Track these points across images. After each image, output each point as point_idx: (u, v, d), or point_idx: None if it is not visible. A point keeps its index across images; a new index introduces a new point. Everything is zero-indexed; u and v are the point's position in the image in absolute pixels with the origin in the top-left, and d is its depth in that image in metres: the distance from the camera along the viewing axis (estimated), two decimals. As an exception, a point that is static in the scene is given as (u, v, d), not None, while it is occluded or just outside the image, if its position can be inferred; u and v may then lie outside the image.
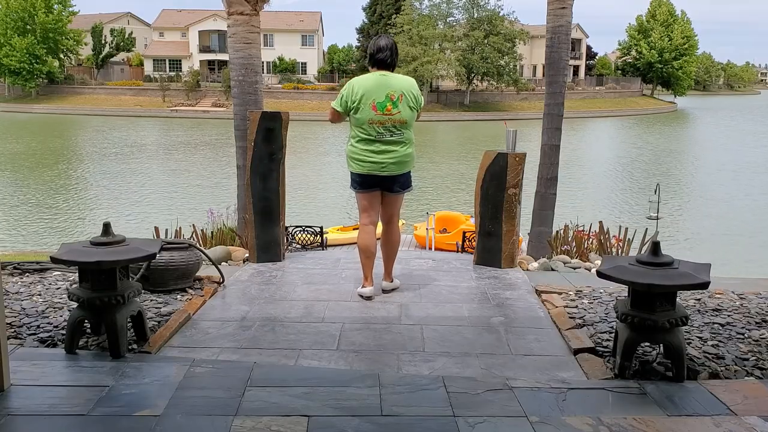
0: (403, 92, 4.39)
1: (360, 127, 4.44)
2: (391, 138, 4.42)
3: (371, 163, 4.45)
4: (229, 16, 8.06)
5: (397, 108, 4.37)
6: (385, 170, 4.47)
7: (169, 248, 4.54)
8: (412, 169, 4.65)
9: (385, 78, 4.41)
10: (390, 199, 4.67)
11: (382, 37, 4.56)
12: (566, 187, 18.35)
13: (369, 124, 4.39)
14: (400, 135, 4.44)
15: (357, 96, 4.38)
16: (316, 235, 7.10)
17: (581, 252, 6.94)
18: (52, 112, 53.00)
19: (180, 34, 65.69)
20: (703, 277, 3.13)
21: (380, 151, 4.43)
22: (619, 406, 2.92)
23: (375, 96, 4.36)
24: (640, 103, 67.46)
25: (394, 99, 4.36)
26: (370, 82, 4.41)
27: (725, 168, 28.25)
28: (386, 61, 4.44)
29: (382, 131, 4.40)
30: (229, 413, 2.77)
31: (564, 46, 8.77)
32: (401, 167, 4.51)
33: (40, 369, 3.20)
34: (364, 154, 4.46)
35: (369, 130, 4.41)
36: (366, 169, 4.48)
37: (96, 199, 20.55)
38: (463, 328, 3.98)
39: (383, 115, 4.37)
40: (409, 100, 4.42)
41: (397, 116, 4.39)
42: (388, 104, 4.35)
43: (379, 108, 4.36)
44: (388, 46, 4.46)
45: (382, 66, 4.45)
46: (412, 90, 4.46)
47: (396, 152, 4.44)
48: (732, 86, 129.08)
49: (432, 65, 52.86)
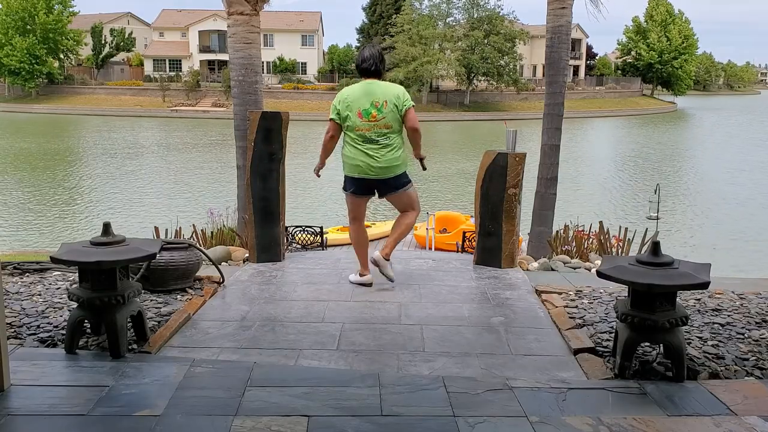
0: (387, 99, 4.64)
1: (350, 133, 4.71)
2: (379, 143, 4.67)
3: (361, 167, 4.72)
4: (229, 16, 8.07)
5: (382, 114, 4.63)
6: (373, 174, 4.73)
7: (169, 248, 4.54)
8: (405, 170, 4.87)
9: (370, 86, 4.68)
10: (395, 197, 4.93)
11: (367, 48, 4.83)
12: (566, 187, 18.35)
13: (356, 131, 4.67)
14: (387, 139, 4.68)
15: (344, 105, 4.68)
16: (316, 235, 7.10)
17: (581, 252, 6.94)
18: (52, 112, 52.95)
19: (180, 34, 65.66)
20: (703, 277, 3.13)
21: (369, 156, 4.68)
22: (619, 406, 2.92)
23: (360, 104, 4.64)
24: (640, 103, 67.45)
25: (378, 106, 4.63)
26: (356, 91, 4.70)
27: (725, 168, 28.25)
28: (371, 69, 4.72)
29: (370, 137, 4.66)
30: (229, 413, 2.78)
31: (564, 46, 8.78)
32: (389, 171, 4.75)
33: (40, 369, 3.20)
34: (354, 157, 4.72)
35: (357, 137, 4.68)
36: (357, 172, 4.76)
37: (96, 199, 20.54)
38: (463, 328, 3.98)
39: (369, 122, 4.64)
40: (394, 105, 4.64)
41: (383, 122, 4.64)
42: (372, 111, 4.63)
43: (364, 115, 4.64)
44: (372, 55, 4.73)
45: (368, 75, 4.73)
46: (397, 95, 4.67)
47: (384, 157, 4.68)
48: (732, 86, 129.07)
49: (432, 65, 52.83)
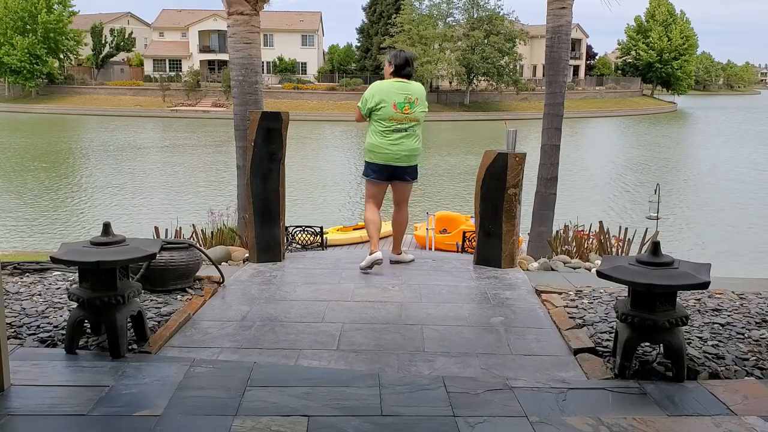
0: (418, 97, 5.37)
1: (380, 122, 5.33)
2: (406, 132, 5.35)
3: (388, 153, 5.35)
4: (229, 16, 8.07)
5: (413, 109, 5.35)
6: (399, 161, 5.38)
7: (169, 248, 4.53)
8: (419, 162, 5.57)
9: (405, 84, 5.37)
10: (400, 187, 5.59)
11: (406, 53, 5.55)
12: (566, 187, 18.34)
13: (389, 120, 5.31)
14: (413, 131, 5.38)
15: (377, 98, 5.31)
16: (316, 235, 7.10)
17: (581, 252, 6.94)
18: (52, 112, 52.95)
19: (180, 34, 65.66)
20: (703, 277, 3.12)
21: (396, 143, 5.33)
22: (619, 406, 2.92)
23: (396, 98, 5.30)
24: (640, 103, 67.46)
25: (411, 101, 5.34)
26: (391, 86, 5.35)
27: (725, 168, 28.24)
28: (411, 74, 5.45)
29: (399, 127, 5.32)
30: (229, 413, 2.77)
31: (564, 46, 8.78)
32: (411, 159, 5.44)
33: (40, 369, 3.20)
34: (383, 145, 5.34)
35: (389, 125, 5.31)
36: (383, 159, 5.38)
37: (96, 199, 20.55)
38: (463, 328, 3.98)
39: (401, 114, 5.31)
40: (422, 103, 5.41)
41: (412, 115, 5.36)
42: (406, 105, 5.32)
43: (399, 107, 5.30)
44: (411, 59, 5.48)
45: (407, 77, 5.40)
46: (424, 96, 5.45)
47: (409, 145, 5.37)
48: (732, 86, 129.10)
49: (432, 65, 52.87)
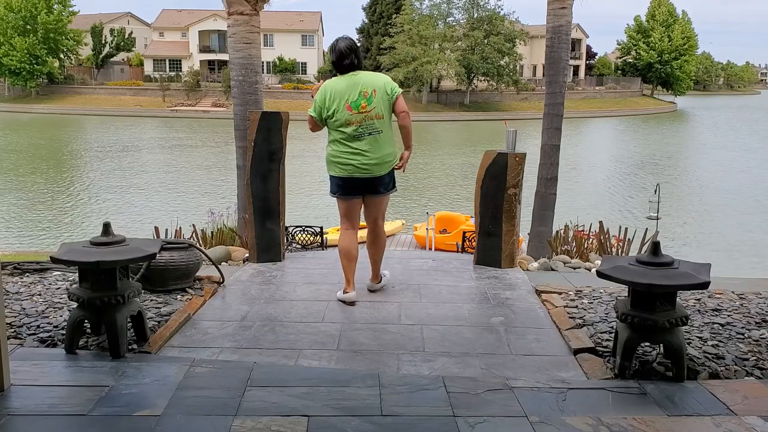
0: (375, 88, 4.33)
1: (337, 130, 4.38)
2: (370, 136, 4.34)
3: (352, 166, 4.37)
4: (229, 16, 8.07)
5: (371, 104, 4.32)
6: (366, 172, 4.39)
7: (169, 248, 4.54)
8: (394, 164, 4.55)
9: (355, 77, 4.37)
10: (374, 201, 4.59)
11: (340, 41, 4.44)
12: (566, 187, 18.35)
13: (346, 124, 4.33)
14: (378, 133, 4.35)
15: (328, 103, 4.36)
16: (316, 235, 7.09)
17: (581, 252, 6.94)
18: (52, 112, 52.93)
19: (180, 34, 65.61)
20: (703, 277, 3.13)
21: (360, 152, 4.34)
22: (619, 406, 2.92)
23: (348, 96, 4.32)
24: (640, 103, 67.42)
25: (368, 95, 4.32)
26: (341, 84, 4.37)
27: (726, 168, 28.23)
28: (353, 63, 4.40)
29: (361, 130, 4.33)
30: (229, 413, 2.77)
31: (564, 46, 8.78)
32: (381, 168, 4.42)
33: (40, 369, 3.20)
34: (344, 156, 4.38)
35: (347, 131, 4.34)
36: (347, 172, 4.40)
37: (96, 199, 20.54)
38: (463, 328, 3.98)
39: (359, 114, 4.31)
40: (383, 93, 4.34)
41: (373, 112, 4.32)
42: (362, 102, 4.31)
43: (353, 107, 4.31)
44: (349, 47, 4.40)
45: (351, 69, 4.40)
46: (385, 83, 4.39)
47: (376, 152, 4.36)
48: (732, 86, 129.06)
49: (432, 65, 52.83)
